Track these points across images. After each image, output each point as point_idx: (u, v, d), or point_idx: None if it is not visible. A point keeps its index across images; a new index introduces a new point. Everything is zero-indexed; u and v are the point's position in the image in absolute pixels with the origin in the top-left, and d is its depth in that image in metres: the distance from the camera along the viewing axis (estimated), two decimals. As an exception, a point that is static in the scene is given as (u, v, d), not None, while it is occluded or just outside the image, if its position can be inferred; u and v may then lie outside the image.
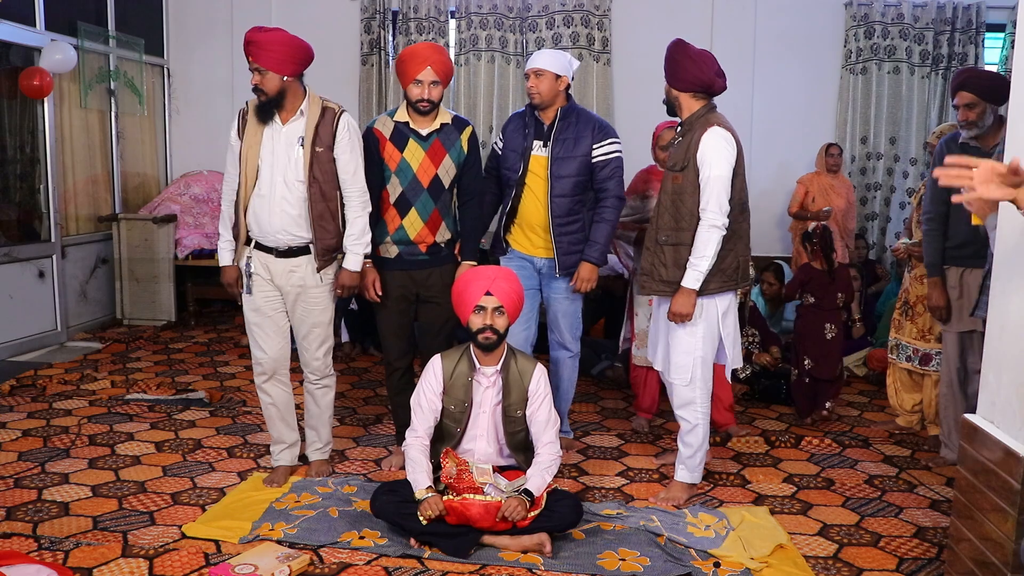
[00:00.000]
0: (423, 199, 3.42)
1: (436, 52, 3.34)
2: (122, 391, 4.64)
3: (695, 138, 3.11)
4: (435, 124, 3.40)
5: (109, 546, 2.85)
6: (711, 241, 3.05)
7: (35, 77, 5.25)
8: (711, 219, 3.06)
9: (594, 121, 3.59)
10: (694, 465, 3.31)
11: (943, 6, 6.29)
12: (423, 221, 3.43)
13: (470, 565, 2.77)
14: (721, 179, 3.06)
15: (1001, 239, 2.35)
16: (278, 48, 3.15)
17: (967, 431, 2.39)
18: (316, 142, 3.18)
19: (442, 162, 3.40)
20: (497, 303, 2.93)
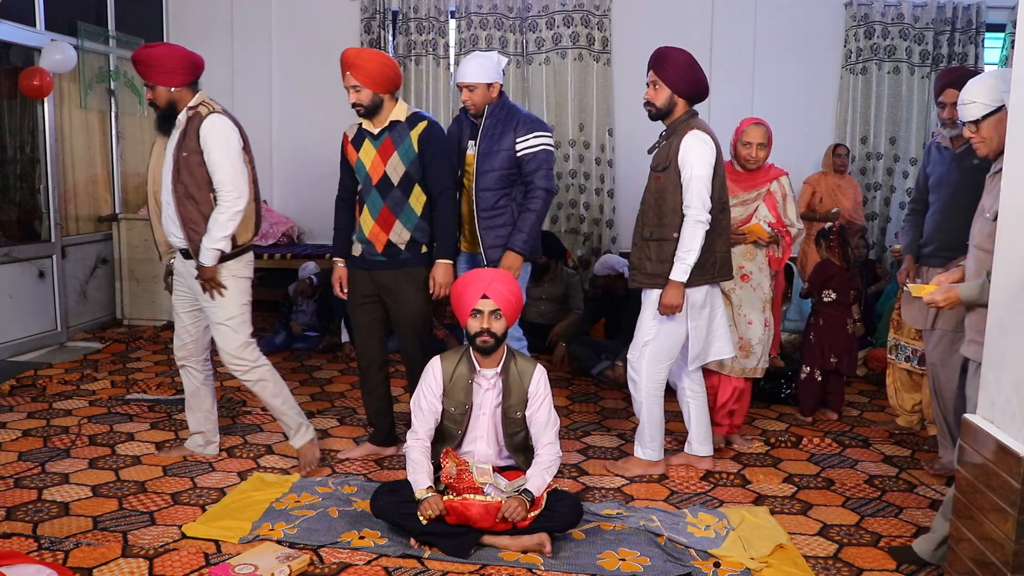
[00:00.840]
0: (372, 197, 3.50)
1: (355, 56, 3.40)
2: (122, 391, 4.64)
3: (676, 142, 3.34)
4: (386, 122, 3.46)
5: (109, 546, 2.85)
6: (696, 236, 3.26)
7: (35, 77, 5.25)
8: (695, 215, 3.26)
9: (519, 116, 3.63)
10: (644, 441, 3.58)
11: (943, 6, 6.29)
12: (373, 219, 3.50)
13: (470, 565, 2.77)
14: (702, 178, 3.28)
15: (1001, 237, 2.35)
16: (161, 62, 3.32)
17: (967, 431, 2.39)
18: (182, 147, 3.31)
19: (389, 159, 3.45)
20: (494, 306, 2.93)
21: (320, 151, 6.80)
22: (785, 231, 3.82)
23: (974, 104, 2.54)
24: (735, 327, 3.77)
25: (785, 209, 3.83)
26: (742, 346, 3.79)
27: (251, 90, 6.82)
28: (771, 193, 3.81)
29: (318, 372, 5.19)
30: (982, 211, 2.60)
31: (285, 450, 3.82)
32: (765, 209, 3.80)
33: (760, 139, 3.77)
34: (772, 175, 3.84)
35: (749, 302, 3.79)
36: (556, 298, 5.63)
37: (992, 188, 2.58)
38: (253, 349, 3.48)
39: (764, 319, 3.81)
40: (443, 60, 6.53)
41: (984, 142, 2.58)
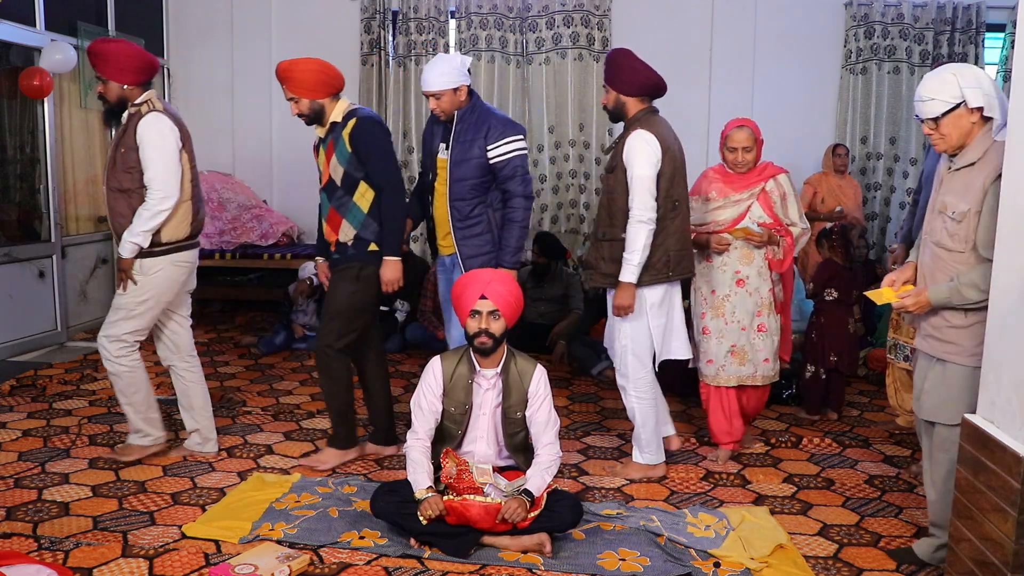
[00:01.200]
0: (323, 199, 3.58)
1: (286, 69, 3.44)
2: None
3: (622, 142, 3.38)
4: (328, 125, 3.51)
5: (109, 546, 2.85)
6: (639, 236, 3.29)
7: (35, 77, 5.25)
8: (637, 215, 3.29)
9: (489, 122, 3.51)
10: (641, 445, 3.57)
11: (943, 6, 6.29)
12: (323, 219, 3.59)
13: (470, 565, 2.77)
14: (643, 179, 3.29)
15: (1001, 236, 2.35)
16: (117, 59, 3.38)
17: (967, 431, 2.39)
18: (120, 143, 3.40)
19: (331, 161, 3.50)
20: (492, 307, 2.93)
21: (320, 151, 6.82)
22: (784, 231, 3.66)
23: (933, 101, 2.53)
24: (725, 334, 3.64)
25: (785, 209, 3.69)
26: (734, 352, 3.65)
27: (251, 90, 6.81)
28: (766, 193, 3.66)
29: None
30: (942, 208, 2.58)
31: (285, 450, 3.82)
32: (759, 209, 3.65)
33: (745, 142, 3.60)
34: (768, 174, 3.67)
35: (743, 307, 3.64)
36: (556, 298, 5.63)
37: (954, 186, 2.57)
38: (124, 347, 3.48)
39: (760, 324, 3.65)
40: (443, 60, 6.52)
41: (943, 139, 2.56)
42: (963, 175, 2.55)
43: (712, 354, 3.67)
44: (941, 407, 2.65)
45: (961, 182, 2.55)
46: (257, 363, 5.36)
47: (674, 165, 3.38)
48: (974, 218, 2.49)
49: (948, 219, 2.55)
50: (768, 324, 3.68)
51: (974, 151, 2.53)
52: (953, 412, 2.60)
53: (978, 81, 2.51)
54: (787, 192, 3.70)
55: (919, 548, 2.84)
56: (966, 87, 2.50)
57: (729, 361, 3.66)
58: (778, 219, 3.66)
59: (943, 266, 2.60)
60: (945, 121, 2.53)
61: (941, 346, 2.63)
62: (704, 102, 6.52)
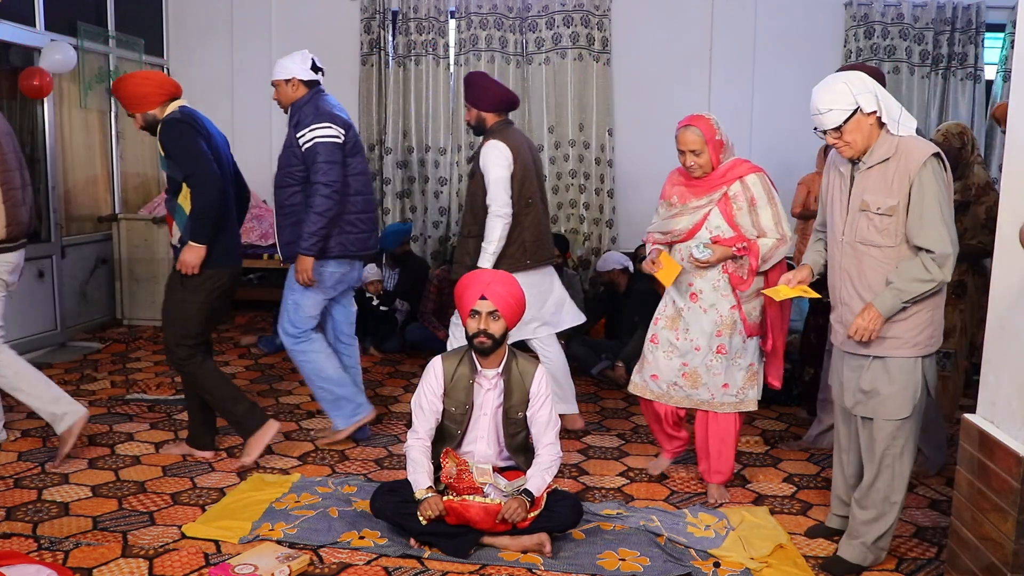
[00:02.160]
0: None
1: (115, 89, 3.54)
2: (122, 391, 4.64)
3: (480, 151, 3.87)
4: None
5: (109, 546, 2.85)
6: (495, 228, 3.76)
7: (35, 77, 5.24)
8: (494, 211, 3.76)
9: (301, 111, 3.68)
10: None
11: (943, 6, 6.29)
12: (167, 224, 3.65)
13: (470, 565, 2.77)
14: (498, 180, 3.78)
15: (1000, 237, 2.35)
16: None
17: (967, 431, 2.39)
18: None
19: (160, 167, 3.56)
20: (491, 307, 2.92)
21: (320, 151, 6.81)
22: (747, 247, 3.17)
23: (831, 112, 2.57)
24: (675, 349, 3.32)
25: (755, 216, 3.20)
26: (687, 374, 3.31)
27: (251, 90, 6.81)
28: (728, 198, 3.20)
29: (318, 372, 5.18)
30: (863, 207, 2.61)
31: (285, 450, 3.83)
32: (719, 218, 3.21)
33: (692, 144, 3.17)
34: (734, 175, 3.20)
35: (698, 325, 3.27)
36: (556, 298, 5.62)
37: (869, 184, 2.61)
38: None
39: (719, 345, 3.26)
40: (443, 60, 6.52)
41: (849, 145, 2.60)
42: (877, 172, 2.61)
43: (660, 369, 3.35)
44: (886, 403, 2.66)
45: (877, 179, 2.60)
46: (257, 363, 5.36)
47: (525, 168, 3.86)
48: (903, 211, 2.55)
49: (874, 216, 2.59)
50: (730, 346, 3.27)
51: (883, 148, 2.60)
52: (900, 407, 2.64)
53: (867, 87, 2.59)
54: (758, 196, 3.20)
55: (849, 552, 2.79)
56: (858, 93, 2.57)
57: (682, 382, 3.32)
58: (739, 231, 3.19)
59: (873, 263, 2.63)
60: (847, 128, 2.58)
61: (879, 342, 2.64)
62: (704, 102, 6.51)
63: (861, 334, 2.60)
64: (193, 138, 3.45)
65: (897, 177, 2.56)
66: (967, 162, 3.76)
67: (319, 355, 3.78)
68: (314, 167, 3.58)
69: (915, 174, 2.53)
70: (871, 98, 2.57)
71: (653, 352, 3.39)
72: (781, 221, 3.22)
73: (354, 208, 3.72)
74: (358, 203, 3.74)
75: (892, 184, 2.57)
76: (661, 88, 6.49)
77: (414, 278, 5.86)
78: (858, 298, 2.67)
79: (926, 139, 2.82)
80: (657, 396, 3.40)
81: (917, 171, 2.53)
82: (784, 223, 3.22)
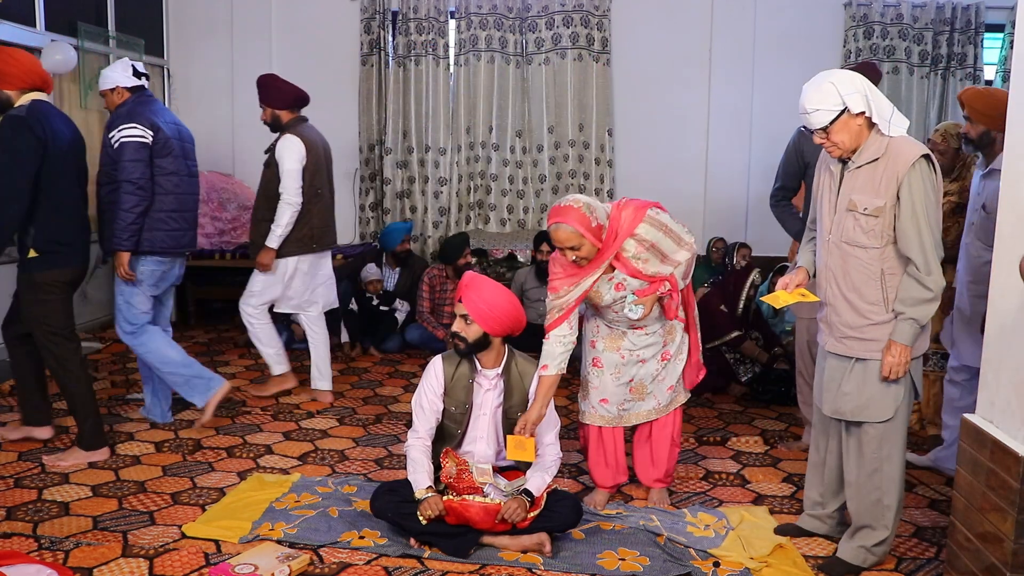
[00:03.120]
0: None
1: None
2: (122, 391, 4.64)
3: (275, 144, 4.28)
4: None
5: (109, 546, 2.85)
6: (284, 214, 4.23)
7: (35, 77, 5.24)
8: (285, 199, 4.22)
9: (115, 113, 3.87)
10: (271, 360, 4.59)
11: (942, 6, 6.29)
12: None
13: (470, 565, 2.77)
14: (291, 171, 4.22)
15: (1000, 236, 2.35)
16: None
17: (967, 431, 2.40)
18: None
19: None
20: (464, 311, 2.94)
21: (320, 151, 6.81)
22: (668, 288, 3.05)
23: (818, 112, 2.55)
24: (622, 370, 3.20)
25: (661, 253, 3.05)
26: (634, 388, 3.24)
27: (251, 90, 6.75)
28: (625, 261, 3.03)
29: (318, 372, 5.18)
30: (851, 207, 2.60)
31: (285, 450, 3.83)
32: (632, 281, 3.07)
33: (568, 242, 2.93)
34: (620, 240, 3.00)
35: (643, 340, 3.20)
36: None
37: (858, 183, 2.60)
38: None
39: (664, 353, 3.23)
40: (443, 60, 6.53)
41: (837, 145, 2.59)
42: (866, 172, 2.59)
43: (608, 393, 3.22)
44: (868, 406, 2.66)
45: (865, 179, 2.59)
46: (257, 363, 5.36)
47: (316, 162, 4.31)
48: (889, 213, 2.55)
49: (860, 216, 2.58)
50: (673, 348, 3.26)
51: (873, 148, 2.58)
52: (881, 409, 2.64)
53: (855, 87, 2.56)
54: (656, 240, 3.02)
55: (848, 553, 2.80)
56: (846, 94, 2.54)
57: (629, 399, 3.25)
58: (653, 278, 3.06)
59: (858, 264, 2.62)
60: (834, 129, 2.56)
61: (862, 344, 2.64)
62: (704, 102, 6.52)
63: (896, 371, 2.58)
64: (20, 143, 3.34)
65: (886, 178, 2.55)
66: (965, 163, 3.75)
67: (158, 343, 3.97)
68: (119, 165, 3.73)
69: (904, 175, 2.51)
70: (860, 98, 2.55)
71: (599, 376, 3.23)
72: (683, 238, 3.08)
73: (164, 207, 3.85)
74: (169, 202, 3.86)
75: (880, 185, 2.55)
76: (661, 88, 6.50)
77: (414, 278, 5.86)
78: (842, 299, 2.66)
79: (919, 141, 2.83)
80: (608, 421, 3.26)
81: (906, 172, 2.51)
82: (684, 234, 3.09)
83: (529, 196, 6.61)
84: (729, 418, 4.42)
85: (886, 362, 2.58)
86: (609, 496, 3.33)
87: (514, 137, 6.55)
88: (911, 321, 2.54)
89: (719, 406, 4.63)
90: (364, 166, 6.68)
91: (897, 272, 2.59)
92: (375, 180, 6.68)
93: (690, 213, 6.47)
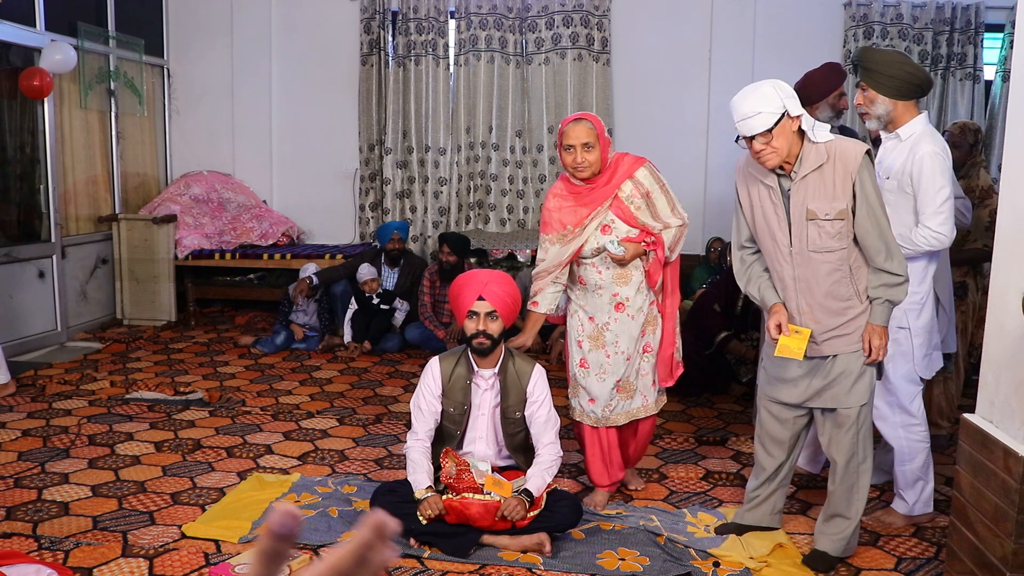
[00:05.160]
0: None
1: None
2: (122, 391, 4.64)
3: None
4: None
5: (109, 546, 2.85)
6: None
7: (35, 77, 5.25)
8: None
9: None
10: None
11: (942, 6, 6.29)
12: None
13: (470, 565, 2.77)
14: None
15: (1000, 237, 2.35)
16: None
17: (966, 431, 2.40)
18: None
19: None
20: (490, 308, 2.93)
21: (320, 151, 6.82)
22: (655, 241, 3.09)
23: (760, 115, 2.52)
24: (608, 369, 3.16)
25: (654, 209, 3.11)
26: (621, 387, 3.19)
27: (251, 90, 6.82)
28: (621, 202, 3.07)
29: (318, 372, 5.19)
30: (811, 216, 2.60)
31: (285, 450, 3.83)
32: (622, 225, 3.09)
33: (585, 138, 2.99)
34: (622, 176, 3.08)
35: (627, 334, 3.15)
36: (556, 298, 5.62)
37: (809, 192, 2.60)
38: None
39: (645, 344, 3.21)
40: (443, 60, 6.53)
41: (776, 152, 2.57)
42: (814, 179, 2.60)
43: (595, 392, 3.18)
44: (850, 393, 2.72)
45: (815, 186, 2.59)
46: (257, 363, 5.36)
47: None
48: (849, 213, 2.58)
49: (824, 222, 2.60)
50: (654, 341, 3.23)
51: (812, 156, 2.59)
52: (860, 394, 2.71)
53: (789, 92, 2.58)
54: (651, 188, 3.11)
55: (827, 545, 2.82)
56: (785, 97, 2.55)
57: (616, 399, 3.20)
58: (645, 229, 3.10)
59: (828, 268, 2.64)
60: (775, 132, 2.54)
61: (844, 340, 2.69)
62: (703, 102, 6.52)
63: (880, 353, 2.65)
64: None
65: (838, 179, 2.57)
66: (975, 162, 3.74)
67: None
68: None
69: (855, 173, 2.55)
70: (795, 103, 2.56)
71: (585, 377, 3.20)
72: (676, 206, 3.16)
73: None
74: None
75: (835, 187, 2.57)
76: (661, 88, 6.50)
77: (414, 277, 5.87)
78: (818, 305, 2.68)
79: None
80: (596, 422, 3.21)
81: (856, 170, 2.55)
82: (679, 207, 3.17)
83: (529, 196, 6.62)
84: (729, 418, 4.42)
85: (874, 345, 2.65)
86: (609, 496, 3.31)
87: (514, 137, 6.55)
88: (887, 303, 2.63)
89: (719, 406, 4.63)
90: (364, 166, 6.68)
91: (862, 264, 2.65)
92: (375, 180, 6.68)
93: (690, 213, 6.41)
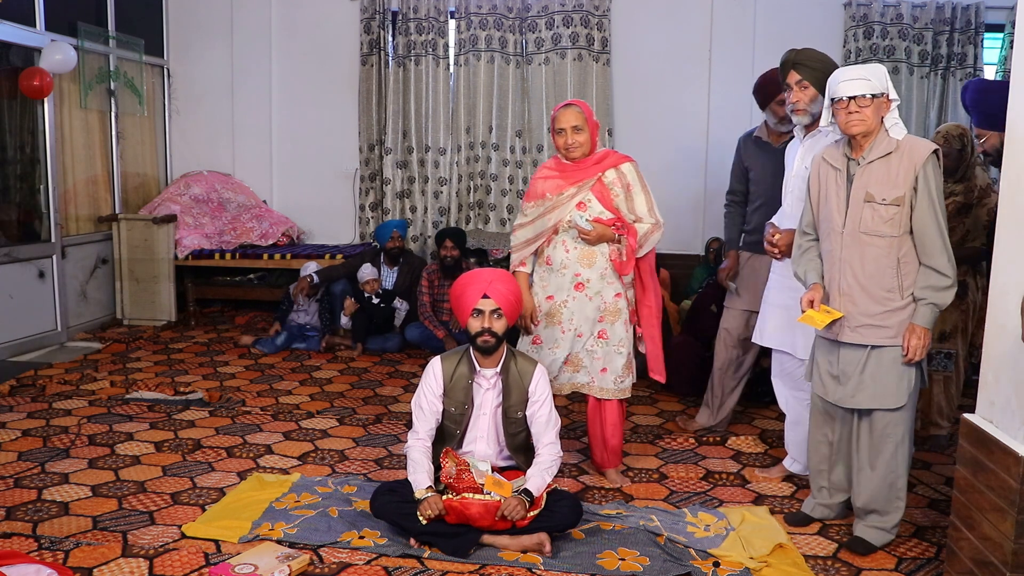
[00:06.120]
0: None
1: None
2: (122, 391, 4.64)
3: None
4: None
5: (109, 546, 2.85)
6: None
7: (35, 77, 5.25)
8: None
9: None
10: None
11: (942, 6, 6.29)
12: None
13: (470, 565, 2.77)
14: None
15: (1000, 237, 2.35)
16: None
17: (966, 430, 2.40)
18: None
19: None
20: (494, 306, 2.94)
21: (320, 151, 6.82)
22: (627, 228, 3.30)
23: (870, 81, 2.68)
24: (560, 343, 3.36)
25: (631, 202, 3.34)
26: (570, 360, 3.39)
27: (251, 90, 6.82)
28: (604, 185, 3.32)
29: (318, 372, 5.19)
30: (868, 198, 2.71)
31: (285, 450, 3.83)
32: (598, 204, 3.31)
33: (574, 120, 3.27)
34: (608, 163, 3.33)
35: (582, 313, 3.34)
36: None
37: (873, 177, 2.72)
38: None
39: (600, 331, 3.36)
40: (443, 60, 6.53)
41: (864, 121, 2.70)
42: (879, 166, 2.72)
43: (545, 365, 3.29)
44: (883, 393, 2.77)
45: (880, 172, 2.71)
46: (257, 363, 5.36)
47: None
48: (907, 202, 2.67)
49: (879, 206, 2.70)
50: (611, 333, 3.36)
51: (884, 144, 2.72)
52: (895, 395, 2.76)
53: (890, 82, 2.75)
54: (632, 183, 3.35)
55: (866, 534, 2.91)
56: (888, 82, 2.72)
57: (563, 370, 3.40)
58: (620, 214, 3.32)
59: (876, 253, 2.72)
60: (873, 104, 2.69)
61: (877, 332, 2.75)
62: (703, 102, 6.52)
63: (918, 354, 2.71)
64: None
65: (902, 170, 2.68)
66: (968, 163, 3.75)
67: None
68: None
69: (920, 167, 2.66)
70: (895, 92, 2.74)
71: (537, 353, 3.38)
72: (654, 208, 3.38)
73: None
74: None
75: (897, 176, 2.69)
76: (661, 88, 6.50)
77: (413, 276, 5.87)
78: (859, 288, 2.75)
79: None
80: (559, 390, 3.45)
81: (922, 164, 2.66)
82: (656, 210, 3.38)
83: (529, 196, 6.61)
84: (729, 418, 4.41)
85: (912, 345, 2.70)
86: (617, 472, 3.52)
87: (514, 137, 6.55)
88: (932, 306, 2.69)
89: (719, 406, 4.62)
90: (364, 166, 6.68)
91: (911, 260, 2.72)
92: (375, 180, 6.68)
93: (689, 213, 6.47)
